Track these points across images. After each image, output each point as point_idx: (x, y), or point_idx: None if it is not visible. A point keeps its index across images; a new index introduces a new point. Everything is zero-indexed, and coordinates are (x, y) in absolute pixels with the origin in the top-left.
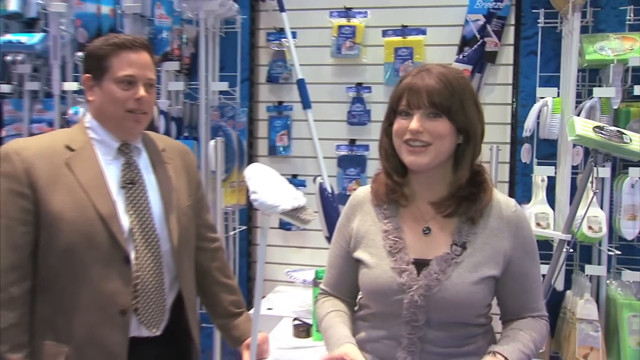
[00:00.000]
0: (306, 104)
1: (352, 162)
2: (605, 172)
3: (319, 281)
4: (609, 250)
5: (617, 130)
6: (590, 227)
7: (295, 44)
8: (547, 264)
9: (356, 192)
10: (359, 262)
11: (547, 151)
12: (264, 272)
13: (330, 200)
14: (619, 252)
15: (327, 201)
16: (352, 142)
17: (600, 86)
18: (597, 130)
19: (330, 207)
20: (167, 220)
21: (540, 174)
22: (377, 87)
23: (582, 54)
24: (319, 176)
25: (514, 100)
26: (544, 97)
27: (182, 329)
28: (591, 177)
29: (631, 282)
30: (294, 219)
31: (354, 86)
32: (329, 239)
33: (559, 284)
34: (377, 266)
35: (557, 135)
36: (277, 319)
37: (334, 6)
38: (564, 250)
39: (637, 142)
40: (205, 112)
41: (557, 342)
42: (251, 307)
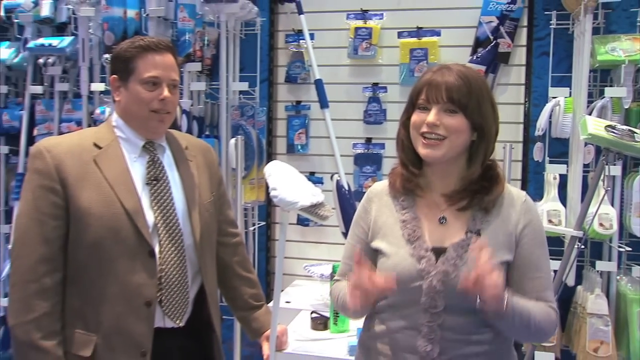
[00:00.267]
0: (324, 103)
1: (368, 160)
2: (616, 170)
3: (335, 276)
4: (620, 246)
5: (629, 129)
6: (601, 224)
7: (313, 45)
8: (558, 260)
9: (373, 186)
10: (377, 252)
11: (559, 150)
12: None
13: (346, 196)
14: (629, 249)
15: (344, 198)
16: (369, 140)
17: (611, 86)
18: (609, 129)
19: (346, 203)
20: (190, 215)
21: (552, 172)
22: (393, 87)
23: (594, 54)
24: (336, 174)
25: (527, 100)
26: (556, 97)
27: (204, 321)
28: (602, 175)
29: None
30: (312, 215)
31: (370, 86)
32: (345, 235)
33: (570, 279)
34: (397, 254)
35: (569, 134)
36: (295, 311)
37: (351, 8)
38: (575, 246)
39: None
40: (225, 111)
41: (567, 336)
42: (270, 300)
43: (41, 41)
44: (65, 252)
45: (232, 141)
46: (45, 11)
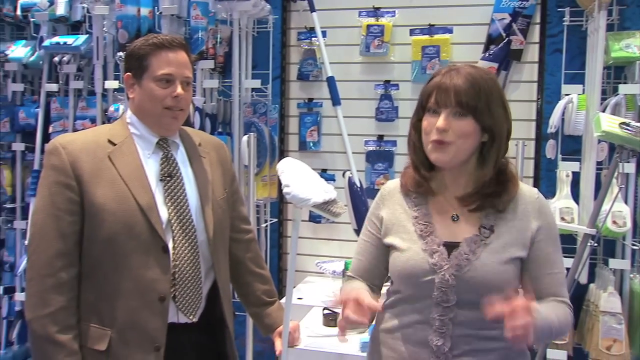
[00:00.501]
0: (336, 100)
1: (380, 157)
2: (630, 167)
3: (348, 272)
4: (633, 244)
5: None
6: (614, 222)
7: (325, 42)
8: (571, 258)
9: (386, 184)
10: (390, 248)
11: (572, 147)
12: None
13: (358, 194)
14: None
15: (356, 195)
16: (380, 137)
17: (625, 83)
18: (623, 126)
19: (358, 200)
20: (203, 212)
21: (565, 170)
22: (405, 85)
23: (608, 51)
24: (348, 171)
25: (539, 97)
26: (569, 94)
27: (217, 317)
28: (616, 173)
29: None
30: (325, 212)
31: (382, 83)
32: (357, 232)
33: (582, 277)
34: (409, 249)
35: (582, 131)
36: (307, 308)
37: (363, 6)
38: (588, 244)
39: None
40: (238, 108)
41: (580, 334)
42: (282, 297)
43: (56, 40)
44: (80, 247)
45: (245, 138)
46: (60, 10)
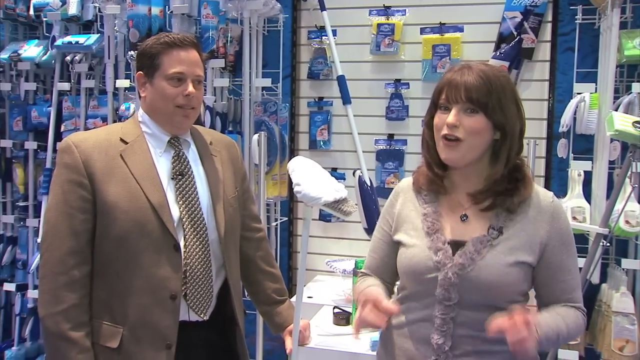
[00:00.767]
0: (346, 99)
1: (390, 156)
2: None
3: (358, 271)
4: None
5: None
6: (627, 222)
7: (335, 41)
8: (583, 258)
9: (400, 182)
10: (399, 244)
11: (584, 146)
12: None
13: (369, 192)
14: None
15: (366, 193)
16: (391, 136)
17: (638, 81)
18: (637, 125)
19: (369, 199)
20: (214, 210)
21: (577, 169)
22: (415, 84)
23: (621, 49)
24: (358, 169)
25: (551, 96)
26: (581, 93)
27: (228, 315)
28: (629, 172)
29: None
30: (335, 211)
31: (393, 82)
32: (367, 230)
33: (594, 277)
34: (415, 246)
35: (594, 130)
36: (317, 307)
37: (374, 5)
38: (601, 244)
39: None
40: (249, 107)
41: (591, 334)
42: (293, 295)
43: (68, 39)
44: (92, 245)
45: (255, 137)
46: (72, 9)
